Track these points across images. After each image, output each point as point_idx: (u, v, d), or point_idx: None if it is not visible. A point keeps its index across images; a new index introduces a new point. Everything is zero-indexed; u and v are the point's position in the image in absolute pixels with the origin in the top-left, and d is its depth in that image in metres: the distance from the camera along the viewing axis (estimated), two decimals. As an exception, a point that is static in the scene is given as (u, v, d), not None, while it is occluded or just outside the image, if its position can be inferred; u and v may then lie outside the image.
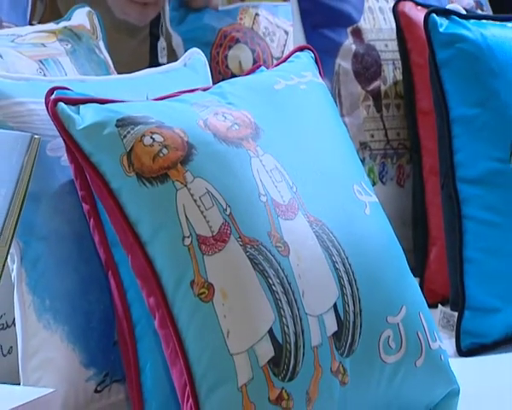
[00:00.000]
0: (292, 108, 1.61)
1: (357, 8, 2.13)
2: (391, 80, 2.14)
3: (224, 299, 1.39)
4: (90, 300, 1.59)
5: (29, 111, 1.58)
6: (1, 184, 1.32)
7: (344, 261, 1.49)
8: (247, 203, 1.45)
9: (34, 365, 1.56)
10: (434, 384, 1.58)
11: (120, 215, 1.43)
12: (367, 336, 1.49)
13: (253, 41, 2.21)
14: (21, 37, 1.87)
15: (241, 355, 1.37)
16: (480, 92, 1.96)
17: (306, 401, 1.41)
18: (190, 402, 1.38)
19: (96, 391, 1.60)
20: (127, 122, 1.45)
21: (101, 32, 1.98)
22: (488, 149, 1.95)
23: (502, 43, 1.99)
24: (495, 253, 1.94)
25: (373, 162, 2.09)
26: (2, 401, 1.35)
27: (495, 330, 1.93)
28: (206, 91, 1.60)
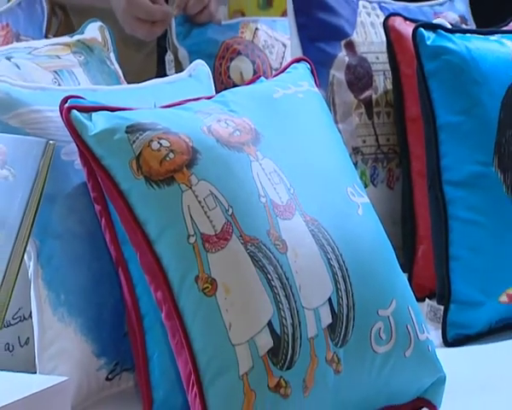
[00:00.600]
0: (289, 116, 1.60)
1: (349, 22, 2.13)
2: (381, 90, 2.13)
3: (227, 293, 1.38)
4: (101, 294, 1.60)
5: (45, 118, 1.58)
6: (18, 187, 1.31)
7: (338, 258, 1.49)
8: (247, 204, 1.45)
9: (49, 355, 1.56)
10: (422, 373, 1.57)
11: (130, 215, 1.42)
12: (359, 327, 1.48)
13: (253, 53, 2.20)
14: (38, 49, 1.87)
15: (242, 346, 1.37)
16: (464, 101, 1.96)
17: (303, 388, 1.41)
18: (195, 390, 1.38)
19: (107, 379, 1.61)
20: (136, 128, 1.45)
21: (111, 44, 1.98)
22: (472, 154, 1.95)
23: (485, 55, 1.99)
24: (479, 250, 1.93)
25: (365, 166, 2.09)
26: (19, 389, 1.34)
27: (479, 322, 1.92)
28: (209, 100, 1.60)
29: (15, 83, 1.63)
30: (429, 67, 1.97)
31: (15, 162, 1.33)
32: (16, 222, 1.30)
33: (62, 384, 1.38)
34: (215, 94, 1.66)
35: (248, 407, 1.36)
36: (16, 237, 1.29)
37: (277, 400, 1.38)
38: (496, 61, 1.99)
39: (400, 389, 1.55)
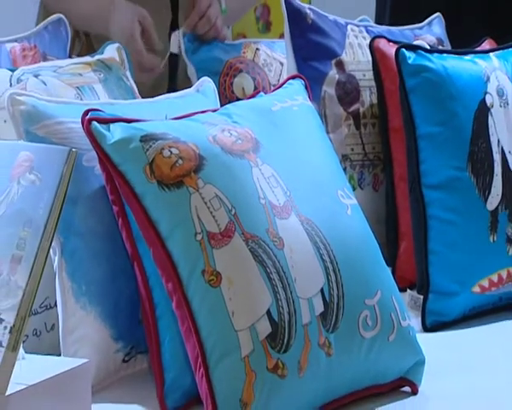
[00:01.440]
0: (286, 126, 1.59)
1: (339, 44, 2.13)
2: (368, 103, 2.13)
3: (230, 285, 1.38)
4: (118, 285, 1.59)
5: (68, 129, 1.58)
6: (44, 190, 1.30)
7: (329, 253, 1.48)
8: (248, 205, 1.44)
9: (72, 339, 1.56)
10: (404, 355, 1.56)
11: (144, 215, 1.42)
12: (348, 315, 1.48)
13: (254, 71, 2.20)
14: (62, 68, 1.86)
15: (244, 331, 1.37)
16: (441, 113, 1.95)
17: (298, 369, 1.40)
18: (202, 370, 1.37)
19: (124, 361, 1.61)
20: (149, 138, 1.45)
21: (127, 63, 1.98)
22: (448, 160, 1.94)
23: (459, 73, 1.98)
24: (454, 246, 1.93)
25: (353, 171, 2.09)
26: (46, 370, 1.34)
27: (454, 310, 1.92)
28: (214, 112, 1.59)
29: (42, 97, 1.64)
30: (410, 84, 1.96)
31: (42, 168, 1.32)
32: (42, 221, 1.29)
33: (84, 366, 1.38)
34: (220, 107, 1.65)
35: (249, 386, 1.35)
36: (42, 234, 1.29)
37: (275, 380, 1.37)
38: (469, 78, 1.99)
39: (385, 369, 1.54)
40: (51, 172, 1.31)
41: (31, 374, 1.32)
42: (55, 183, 1.30)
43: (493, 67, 2.02)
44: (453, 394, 1.57)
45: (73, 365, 1.38)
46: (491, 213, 1.94)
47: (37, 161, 1.33)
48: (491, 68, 2.02)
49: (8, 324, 1.25)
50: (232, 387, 1.36)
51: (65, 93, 1.78)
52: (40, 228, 1.29)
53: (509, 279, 1.95)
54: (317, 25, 2.12)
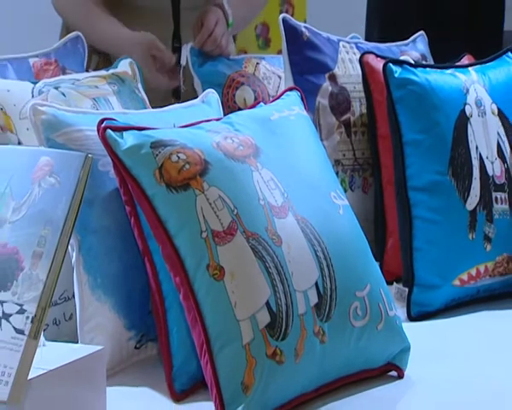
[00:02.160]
0: (284, 134, 1.59)
1: (332, 59, 2.13)
2: (358, 113, 2.12)
3: (232, 278, 1.38)
4: (131, 279, 1.59)
5: (85, 136, 1.57)
6: (63, 192, 1.30)
7: (323, 250, 1.48)
8: (249, 206, 1.43)
9: (88, 328, 1.56)
10: (391, 342, 1.56)
11: (154, 215, 1.42)
12: (340, 306, 1.47)
13: (254, 83, 2.19)
14: (79, 80, 1.86)
15: (245, 321, 1.36)
16: (425, 122, 1.95)
17: (295, 356, 1.39)
18: (206, 357, 1.37)
19: (136, 348, 1.61)
20: (159, 144, 1.44)
21: (139, 77, 1.98)
22: (431, 165, 1.94)
23: (441, 85, 1.98)
24: (436, 243, 1.92)
25: (344, 175, 2.08)
26: (65, 356, 1.34)
27: (436, 301, 1.91)
28: (218, 121, 1.58)
29: (61, 108, 1.63)
30: (396, 95, 1.96)
31: (60, 172, 1.32)
32: (61, 220, 1.28)
33: (99, 352, 1.38)
34: (223, 116, 1.65)
35: (250, 371, 1.35)
36: (61, 232, 1.28)
37: (273, 365, 1.37)
38: (450, 90, 1.99)
39: (373, 355, 1.54)
40: (69, 176, 1.31)
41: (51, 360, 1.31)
42: (73, 185, 1.30)
43: (472, 81, 2.02)
44: (436, 378, 1.56)
45: (89, 351, 1.37)
46: (470, 214, 1.93)
47: (56, 165, 1.32)
48: (470, 81, 2.01)
49: (30, 314, 1.24)
50: (234, 371, 1.35)
51: (82, 104, 1.78)
52: (59, 227, 1.28)
53: (487, 273, 1.95)
54: (312, 42, 2.12)
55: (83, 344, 1.53)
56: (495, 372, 1.59)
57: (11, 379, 1.21)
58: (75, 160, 1.32)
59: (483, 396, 1.49)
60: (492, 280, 1.96)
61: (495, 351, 1.69)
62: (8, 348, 1.23)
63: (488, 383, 1.54)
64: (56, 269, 1.27)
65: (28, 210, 1.31)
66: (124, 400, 1.47)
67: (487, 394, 1.50)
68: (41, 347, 1.28)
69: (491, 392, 1.51)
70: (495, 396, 1.50)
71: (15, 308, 1.25)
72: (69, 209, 1.29)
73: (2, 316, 1.25)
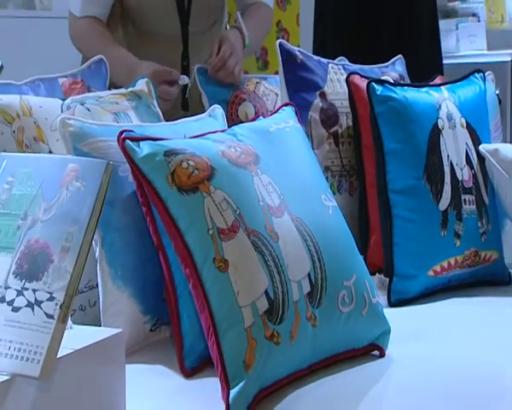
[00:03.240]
0: (280, 143, 1.58)
1: (322, 78, 2.13)
2: (345, 126, 2.12)
3: (235, 270, 1.37)
4: (147, 270, 1.58)
5: (107, 146, 1.57)
6: (87, 194, 1.30)
7: (314, 245, 1.47)
8: (250, 206, 1.43)
9: (110, 313, 1.56)
10: (374, 326, 1.55)
11: (167, 215, 1.41)
12: (330, 294, 1.46)
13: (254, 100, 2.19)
14: (102, 97, 1.86)
15: (247, 307, 1.36)
16: (403, 133, 1.94)
17: (290, 337, 1.39)
18: (213, 338, 1.36)
19: (151, 331, 1.60)
20: (171, 153, 1.43)
21: (154, 94, 1.97)
22: (408, 171, 1.93)
23: (417, 101, 1.97)
24: (413, 239, 1.91)
25: (333, 179, 2.08)
26: (90, 337, 1.34)
27: (413, 289, 1.90)
28: (223, 132, 1.58)
29: (87, 121, 1.63)
30: (378, 110, 1.96)
31: (85, 177, 1.31)
32: (86, 219, 1.28)
33: (119, 334, 1.37)
34: (227, 128, 1.64)
35: (251, 351, 1.34)
36: (86, 229, 1.28)
37: (271, 346, 1.36)
38: (425, 105, 1.98)
39: (359, 337, 1.53)
40: (93, 181, 1.30)
41: (77, 341, 1.31)
42: (96, 189, 1.30)
43: (444, 98, 2.01)
44: (413, 356, 1.56)
45: (110, 333, 1.37)
46: (443, 213, 1.92)
47: (81, 171, 1.32)
48: (442, 98, 2.01)
49: (58, 301, 1.24)
50: (237, 351, 1.34)
51: (105, 117, 1.78)
52: (84, 225, 1.28)
53: (457, 265, 1.94)
54: (305, 63, 2.11)
55: (105, 327, 1.52)
56: (463, 349, 1.58)
57: (42, 358, 1.21)
58: (98, 166, 1.31)
59: (453, 370, 1.49)
60: (462, 271, 1.96)
61: (463, 332, 1.69)
62: (39, 330, 1.23)
63: (458, 359, 1.54)
64: (82, 262, 1.26)
65: (57, 210, 1.30)
66: (140, 376, 1.47)
67: (457, 367, 1.50)
68: (68, 329, 1.29)
69: (460, 366, 1.51)
70: (463, 369, 1.50)
71: (46, 296, 1.25)
72: (93, 209, 1.28)
73: (35, 303, 1.25)
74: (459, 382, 1.45)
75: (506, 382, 1.46)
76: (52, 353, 1.21)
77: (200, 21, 2.34)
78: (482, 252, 1.98)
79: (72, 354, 1.28)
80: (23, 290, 1.26)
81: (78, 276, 1.25)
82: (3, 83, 1.90)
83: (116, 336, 1.36)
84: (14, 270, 1.28)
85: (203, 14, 2.35)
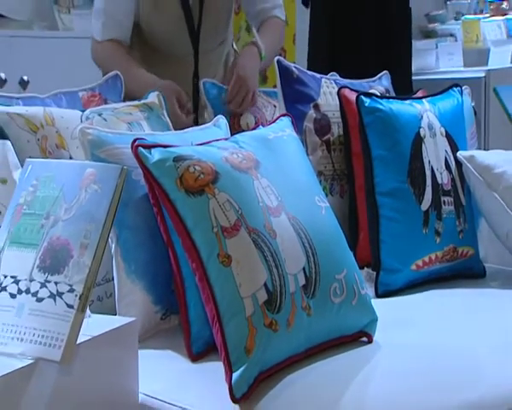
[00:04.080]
0: (278, 150, 1.57)
1: (316, 92, 2.11)
2: (336, 134, 2.11)
3: (238, 265, 1.36)
4: (157, 265, 1.57)
5: (122, 152, 1.56)
6: (103, 196, 1.29)
7: (309, 241, 1.46)
8: (251, 207, 1.41)
9: (124, 303, 1.55)
10: (363, 315, 1.54)
11: (175, 215, 1.40)
12: (323, 286, 1.45)
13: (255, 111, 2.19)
14: (117, 109, 1.85)
15: (248, 298, 1.34)
16: (388, 141, 1.93)
17: (287, 325, 1.38)
18: (217, 326, 1.35)
19: (161, 319, 1.59)
20: (179, 158, 1.42)
21: (164, 106, 1.97)
22: (393, 175, 1.92)
23: (401, 113, 1.96)
24: (398, 237, 1.90)
25: (326, 183, 2.07)
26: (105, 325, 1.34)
27: (397, 282, 1.89)
28: (226, 140, 1.56)
29: (103, 130, 1.62)
30: (367, 120, 1.94)
31: (102, 180, 1.31)
32: (102, 218, 1.28)
33: (132, 323, 1.37)
34: (230, 136, 1.63)
35: (251, 338, 1.33)
36: (102, 228, 1.27)
37: (270, 333, 1.35)
38: (408, 116, 1.97)
39: (349, 325, 1.52)
40: (109, 184, 1.30)
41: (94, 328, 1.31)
42: (112, 191, 1.29)
43: (425, 109, 2.01)
44: (398, 342, 1.54)
45: (125, 322, 1.37)
46: (424, 213, 1.92)
47: (98, 175, 1.32)
48: (423, 110, 2.00)
49: (78, 292, 1.24)
50: (239, 338, 1.33)
51: (119, 127, 1.77)
52: (101, 224, 1.27)
53: (437, 260, 1.93)
54: (300, 78, 2.10)
55: (120, 316, 1.51)
56: (443, 335, 1.57)
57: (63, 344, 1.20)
58: (113, 171, 1.31)
59: (433, 353, 1.48)
60: (441, 265, 1.95)
61: (443, 320, 1.68)
62: (60, 319, 1.23)
63: (438, 344, 1.53)
64: (99, 257, 1.26)
65: (77, 210, 1.30)
66: (152, 360, 1.46)
67: (437, 351, 1.49)
68: (87, 318, 1.28)
69: (440, 350, 1.50)
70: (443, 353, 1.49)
71: (67, 288, 1.24)
72: (109, 210, 1.28)
73: (57, 294, 1.24)
74: (438, 364, 1.44)
75: (480, 363, 1.45)
76: (72, 339, 1.21)
77: (209, 41, 2.33)
78: (460, 248, 1.97)
79: (90, 340, 1.27)
80: (46, 283, 1.26)
81: (95, 270, 1.25)
82: (29, 96, 1.90)
83: (130, 324, 1.36)
84: (38, 264, 1.27)
85: (212, 35, 2.34)
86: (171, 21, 2.27)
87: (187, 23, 2.27)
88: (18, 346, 1.22)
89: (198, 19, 2.28)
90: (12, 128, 1.68)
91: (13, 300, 1.26)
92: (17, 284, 1.27)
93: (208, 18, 2.30)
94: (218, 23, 2.35)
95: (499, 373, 1.40)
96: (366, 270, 1.91)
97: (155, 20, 2.27)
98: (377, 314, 1.56)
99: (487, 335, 1.57)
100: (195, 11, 2.28)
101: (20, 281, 1.27)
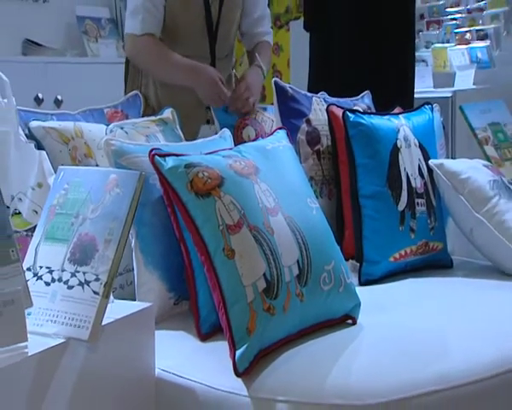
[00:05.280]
0: (275, 158, 1.55)
1: (308, 108, 2.09)
2: (325, 145, 2.08)
3: (240, 258, 1.34)
4: (171, 258, 1.55)
5: (141, 161, 1.54)
6: (124, 198, 1.29)
7: (302, 238, 1.44)
8: (252, 208, 1.40)
9: (142, 291, 1.54)
10: (348, 300, 1.53)
11: (186, 214, 1.39)
12: (314, 276, 1.44)
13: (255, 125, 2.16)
14: (137, 123, 1.83)
15: (249, 287, 1.33)
16: (370, 151, 1.91)
17: (283, 309, 1.36)
18: (222, 310, 1.34)
19: (174, 304, 1.58)
20: (190, 165, 1.41)
21: (177, 120, 1.95)
22: (374, 180, 1.90)
23: (381, 126, 1.94)
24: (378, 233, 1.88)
25: (316, 186, 2.05)
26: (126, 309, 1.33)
27: (378, 272, 1.87)
28: (230, 150, 1.55)
29: (125, 141, 1.61)
30: (351, 133, 1.92)
31: (123, 184, 1.30)
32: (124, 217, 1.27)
33: (149, 307, 1.36)
34: (234, 147, 1.61)
35: (252, 320, 1.31)
36: (124, 225, 1.27)
37: (268, 316, 1.34)
38: (387, 129, 1.95)
39: (336, 309, 1.50)
40: (129, 187, 1.29)
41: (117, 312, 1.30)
42: (132, 193, 1.29)
43: (401, 123, 1.99)
44: (378, 323, 1.53)
45: (143, 306, 1.36)
46: (401, 213, 1.90)
47: (120, 180, 1.31)
48: (400, 124, 1.98)
49: (102, 281, 1.23)
50: (241, 321, 1.32)
51: (139, 139, 1.75)
52: (122, 222, 1.27)
53: (411, 253, 1.91)
54: (294, 97, 2.09)
55: (139, 302, 1.50)
56: (416, 317, 1.55)
57: (90, 325, 1.20)
58: (133, 176, 1.31)
59: (408, 333, 1.46)
60: (415, 258, 1.93)
61: (416, 304, 1.66)
62: (88, 304, 1.22)
63: (412, 324, 1.51)
64: (121, 251, 1.25)
65: (101, 210, 1.29)
66: (166, 339, 1.44)
67: (411, 331, 1.48)
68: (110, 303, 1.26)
69: (415, 330, 1.48)
70: (416, 332, 1.47)
71: (93, 277, 1.24)
72: (129, 210, 1.27)
73: (85, 282, 1.24)
74: (413, 341, 1.42)
75: (448, 341, 1.44)
76: (98, 321, 1.20)
77: (221, 46, 2.27)
78: (431, 243, 1.95)
79: (113, 322, 1.27)
80: (75, 273, 1.25)
81: (117, 262, 1.25)
82: (62, 113, 1.89)
83: (147, 308, 1.36)
84: (69, 257, 1.27)
85: (224, 40, 2.28)
86: (194, 19, 2.19)
87: (207, 23, 2.20)
88: (52, 327, 1.21)
89: (216, 21, 2.22)
90: (47, 140, 1.68)
91: (47, 287, 1.26)
92: (51, 273, 1.27)
93: (223, 23, 2.24)
94: (229, 30, 2.28)
95: (464, 349, 1.39)
96: (351, 262, 1.89)
97: (181, 15, 2.18)
98: (360, 300, 1.54)
99: (454, 316, 1.56)
100: (215, 14, 2.21)
101: (53, 271, 1.27)
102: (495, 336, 1.45)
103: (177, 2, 2.19)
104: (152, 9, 2.16)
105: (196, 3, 2.19)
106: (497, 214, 1.87)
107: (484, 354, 1.38)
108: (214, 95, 2.10)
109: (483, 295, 1.73)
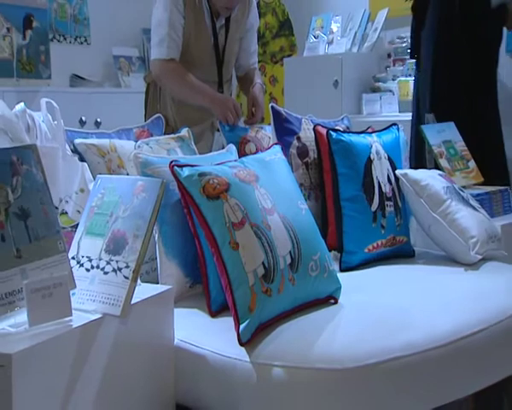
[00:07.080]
0: (272, 168, 1.53)
1: (298, 127, 2.06)
2: (312, 158, 2.06)
3: (243, 249, 1.32)
4: (188, 249, 1.53)
5: (163, 170, 1.52)
6: (149, 201, 1.28)
7: (294, 233, 1.42)
8: (253, 209, 1.38)
9: (164, 276, 1.51)
10: (332, 284, 1.50)
11: (199, 214, 1.37)
12: (303, 264, 1.42)
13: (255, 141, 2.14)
14: (160, 140, 1.81)
15: (250, 273, 1.31)
16: (349, 162, 1.89)
17: (278, 291, 1.34)
18: (229, 292, 1.32)
19: (190, 287, 1.55)
20: (202, 174, 1.39)
21: (192, 137, 1.93)
22: (352, 186, 1.87)
23: (358, 143, 1.92)
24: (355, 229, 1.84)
25: (305, 192, 2.02)
26: (151, 291, 1.32)
27: (355, 261, 1.85)
28: (235, 161, 1.53)
29: (150, 155, 1.59)
30: (334, 148, 1.90)
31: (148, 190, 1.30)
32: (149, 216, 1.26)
33: (170, 290, 1.35)
34: (238, 159, 1.59)
35: (253, 300, 1.30)
36: (149, 223, 1.26)
37: (266, 297, 1.32)
38: (362, 145, 1.92)
39: (321, 291, 1.48)
40: (153, 192, 1.28)
41: (143, 293, 1.28)
42: (155, 197, 1.27)
43: (374, 141, 1.97)
44: (356, 302, 1.50)
45: (164, 289, 1.35)
46: (373, 213, 1.87)
47: (146, 186, 1.30)
48: (372, 141, 1.96)
49: (131, 268, 1.22)
50: (244, 301, 1.30)
51: (161, 152, 1.73)
52: (147, 220, 1.26)
53: (382, 245, 1.89)
54: (287, 118, 2.06)
55: (161, 285, 1.47)
56: (388, 297, 1.53)
57: (121, 304, 1.19)
58: (156, 183, 1.29)
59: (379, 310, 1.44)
60: (385, 249, 1.91)
61: (386, 287, 1.63)
62: (120, 286, 1.21)
63: (384, 303, 1.49)
64: (146, 243, 1.24)
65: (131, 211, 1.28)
66: (183, 316, 1.43)
67: (384, 308, 1.45)
68: (138, 286, 1.25)
69: (386, 307, 1.46)
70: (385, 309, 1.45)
71: (124, 265, 1.23)
72: (153, 210, 1.26)
73: (117, 269, 1.23)
74: (384, 316, 1.40)
75: (413, 315, 1.42)
76: (128, 301, 1.19)
77: (226, 71, 2.27)
78: (397, 237, 1.93)
79: (140, 301, 1.25)
80: (110, 261, 1.24)
81: (144, 252, 1.24)
82: (100, 132, 1.88)
83: (168, 290, 1.34)
84: (105, 248, 1.26)
85: (227, 66, 2.29)
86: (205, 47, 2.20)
87: (215, 51, 2.21)
88: (91, 305, 1.20)
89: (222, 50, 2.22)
90: (88, 154, 1.67)
91: (87, 273, 1.25)
92: (90, 262, 1.26)
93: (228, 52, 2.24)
94: (231, 58, 2.28)
95: (425, 321, 1.38)
96: (333, 252, 1.87)
97: (194, 43, 2.18)
98: (341, 283, 1.53)
99: (417, 295, 1.54)
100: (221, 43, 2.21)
101: (92, 260, 1.26)
102: (450, 310, 1.45)
103: (191, 32, 2.18)
104: (175, 38, 2.15)
105: (206, 34, 2.19)
106: (449, 214, 1.86)
107: (441, 325, 1.37)
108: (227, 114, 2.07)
109: (439, 278, 1.71)
